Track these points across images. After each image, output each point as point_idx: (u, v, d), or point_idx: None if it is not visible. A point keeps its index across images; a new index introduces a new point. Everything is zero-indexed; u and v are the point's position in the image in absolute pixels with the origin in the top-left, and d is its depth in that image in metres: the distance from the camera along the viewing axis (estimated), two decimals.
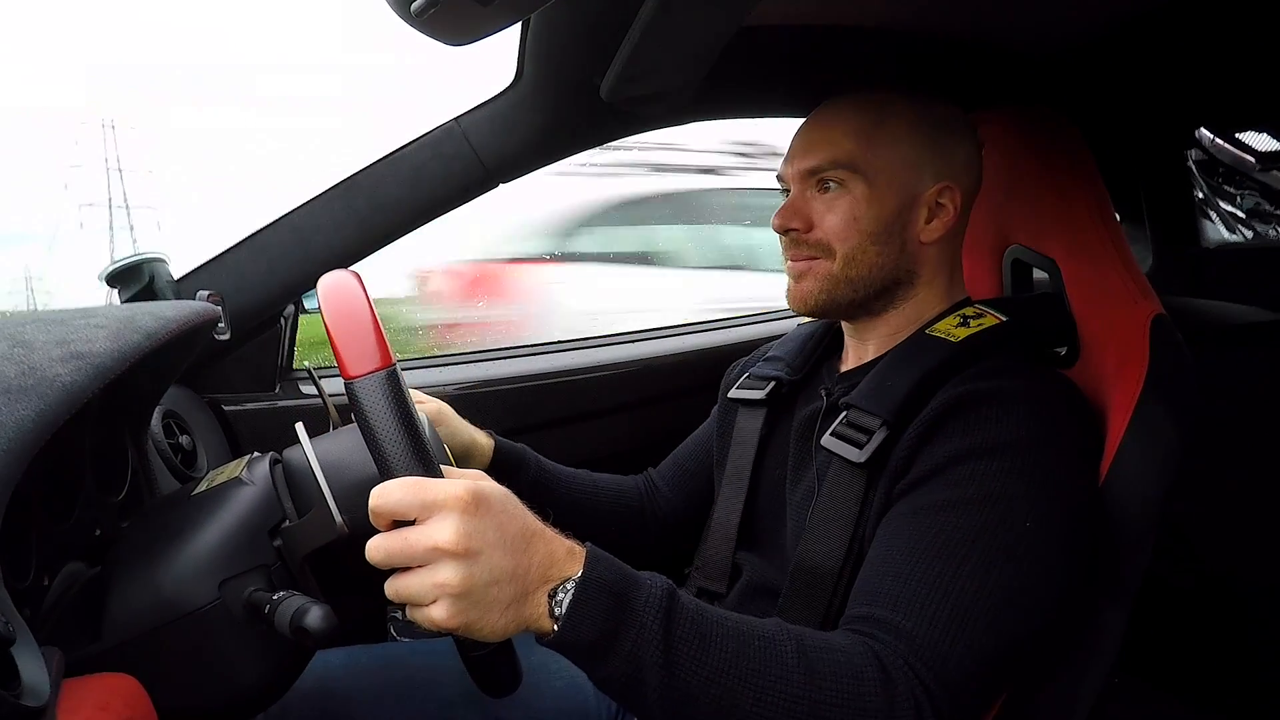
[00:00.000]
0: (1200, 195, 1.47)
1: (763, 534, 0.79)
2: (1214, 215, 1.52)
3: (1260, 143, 1.47)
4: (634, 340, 1.51)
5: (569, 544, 0.50)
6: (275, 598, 0.49)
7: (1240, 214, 1.55)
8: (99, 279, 0.98)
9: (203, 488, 0.58)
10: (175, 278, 1.02)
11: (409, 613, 0.46)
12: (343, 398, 0.48)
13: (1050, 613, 0.57)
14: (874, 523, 0.63)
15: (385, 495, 0.45)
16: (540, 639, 0.49)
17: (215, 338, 1.01)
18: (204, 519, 0.54)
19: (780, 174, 0.77)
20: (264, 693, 0.54)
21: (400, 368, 0.49)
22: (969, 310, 0.72)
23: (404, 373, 0.49)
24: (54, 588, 0.54)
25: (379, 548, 0.45)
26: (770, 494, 0.79)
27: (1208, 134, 1.47)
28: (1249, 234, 1.54)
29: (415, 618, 0.46)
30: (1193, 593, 1.32)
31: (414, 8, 0.50)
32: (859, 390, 0.69)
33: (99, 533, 0.63)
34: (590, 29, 0.79)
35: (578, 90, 0.91)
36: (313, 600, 0.48)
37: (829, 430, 0.69)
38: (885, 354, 0.73)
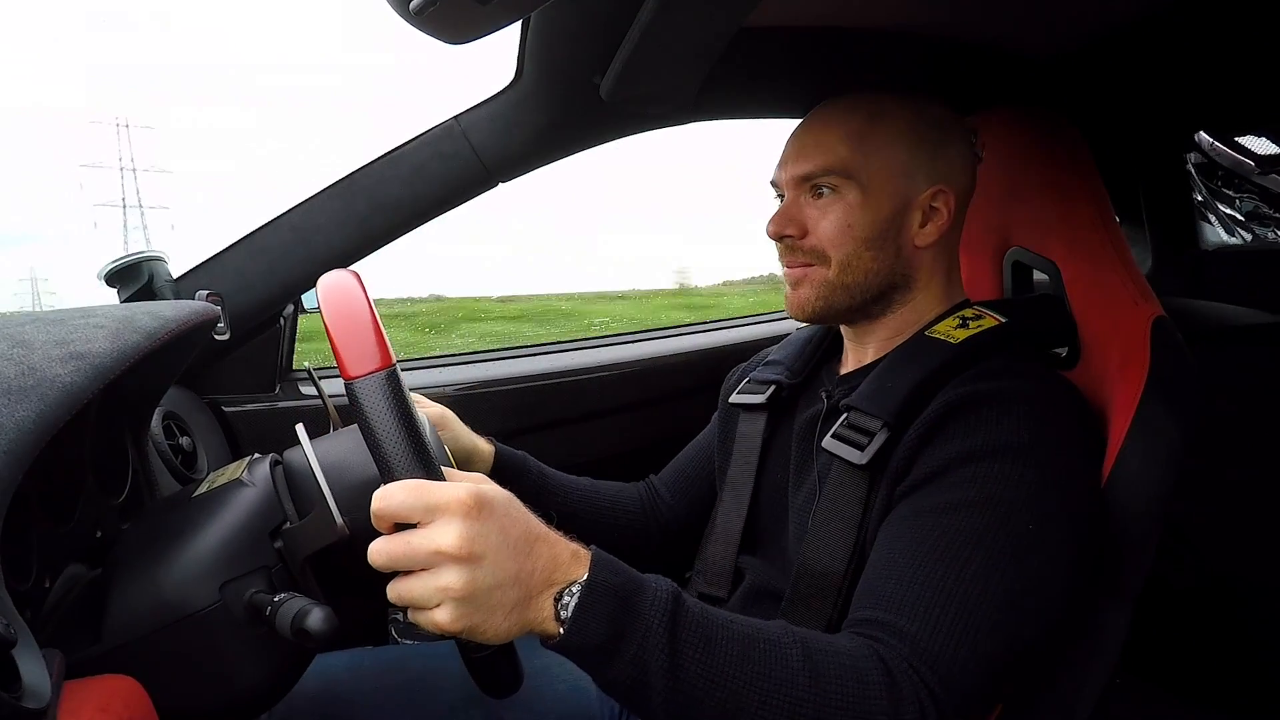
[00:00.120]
0: (1199, 198, 1.47)
1: (765, 538, 0.79)
2: (1213, 218, 1.52)
3: (1259, 146, 1.47)
4: (634, 341, 1.51)
5: (573, 547, 0.50)
6: (276, 599, 0.49)
7: (1239, 217, 1.55)
8: (98, 278, 0.97)
9: (203, 489, 0.58)
10: (174, 277, 1.02)
11: (412, 616, 0.46)
12: (343, 398, 0.48)
13: (1054, 615, 0.57)
14: (876, 524, 0.63)
15: (387, 498, 0.45)
16: (545, 642, 0.48)
17: (215, 338, 1.01)
18: (205, 521, 0.54)
19: (774, 180, 0.77)
20: (265, 694, 0.54)
21: (400, 368, 0.48)
22: (968, 312, 0.72)
23: (404, 373, 0.49)
24: (55, 590, 0.54)
25: (381, 551, 0.45)
26: (772, 498, 0.79)
27: (1207, 138, 1.47)
28: (1248, 237, 1.54)
29: (418, 621, 0.46)
30: (1193, 593, 1.32)
31: (413, 6, 0.50)
32: (859, 392, 0.69)
33: (100, 534, 0.62)
34: (590, 29, 0.79)
35: (578, 90, 0.91)
36: (314, 602, 0.47)
37: (830, 432, 0.69)
38: (885, 356, 0.73)
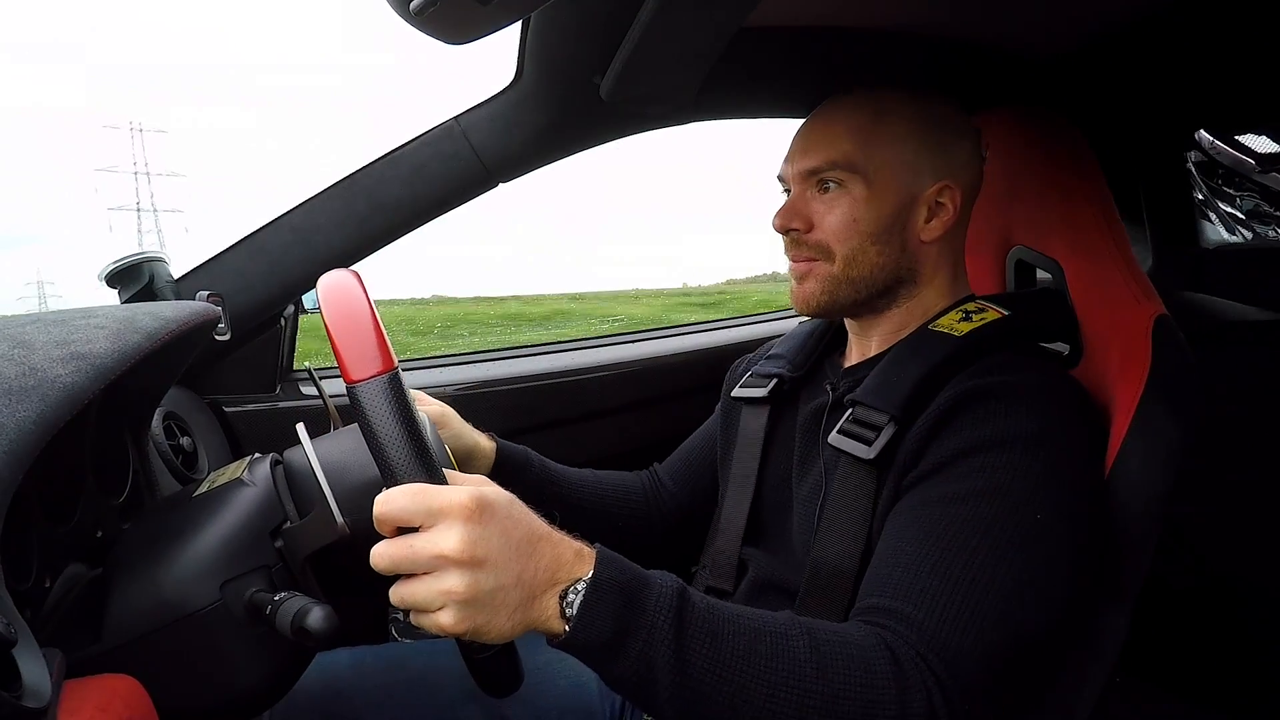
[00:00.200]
0: (1200, 197, 1.47)
1: (769, 530, 0.79)
2: (1214, 216, 1.52)
3: (1260, 145, 1.47)
4: (634, 340, 1.51)
5: (577, 545, 0.50)
6: (276, 598, 0.49)
7: (1240, 215, 1.55)
8: (99, 279, 0.98)
9: (204, 489, 0.58)
10: (175, 278, 1.02)
11: (415, 618, 0.46)
12: (343, 398, 0.48)
13: (1058, 607, 0.57)
14: (884, 517, 0.63)
15: (390, 503, 0.45)
16: (551, 641, 0.48)
17: (215, 338, 1.01)
18: (205, 520, 0.54)
19: (781, 174, 0.77)
20: (265, 694, 0.54)
21: (401, 369, 0.48)
22: (971, 305, 0.72)
23: (405, 373, 0.49)
24: (55, 589, 0.54)
25: (384, 555, 0.45)
26: (776, 490, 0.79)
27: (1208, 136, 1.47)
28: (1248, 235, 1.54)
29: (422, 623, 0.46)
30: (1193, 593, 1.32)
31: (413, 6, 0.50)
32: (865, 386, 0.69)
33: (100, 534, 0.63)
34: (590, 28, 0.79)
35: (578, 90, 0.91)
36: (314, 601, 0.47)
37: (836, 427, 0.69)
38: (889, 349, 0.73)
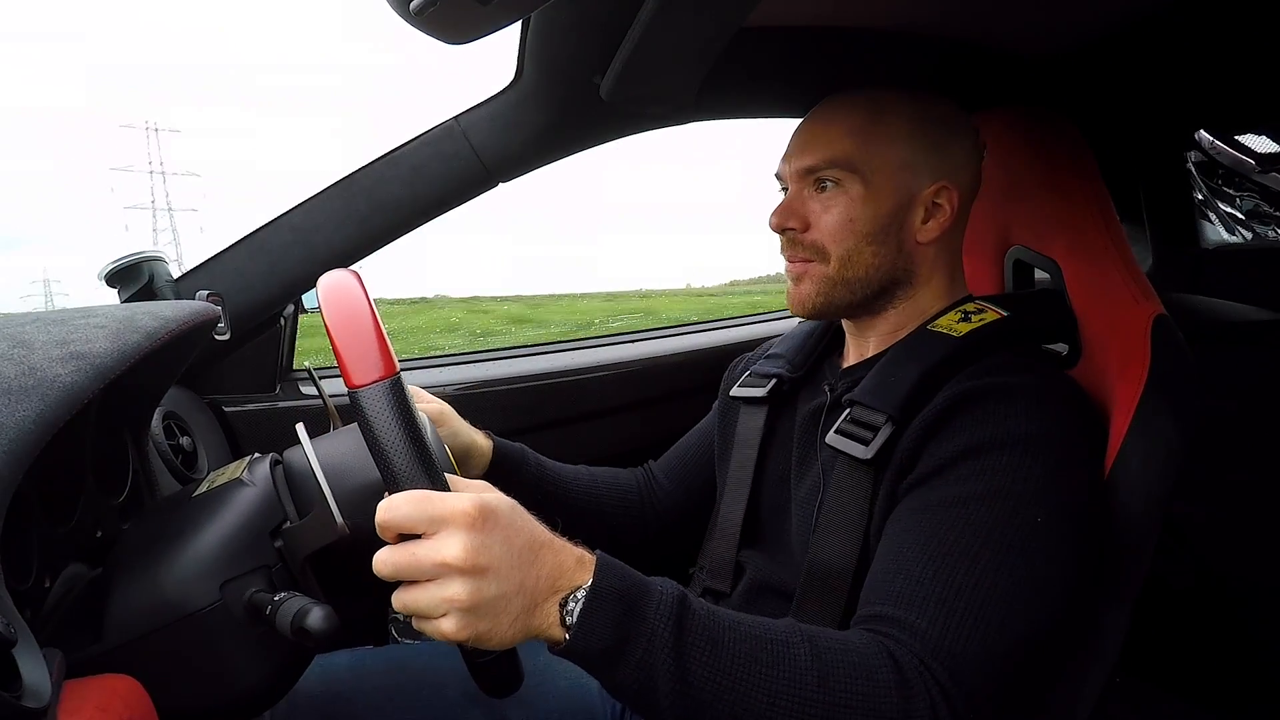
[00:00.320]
0: (1200, 197, 1.47)
1: (767, 531, 0.79)
2: (1213, 216, 1.52)
3: (1260, 145, 1.47)
4: (634, 340, 1.51)
5: (578, 552, 0.50)
6: (276, 599, 0.49)
7: (1240, 215, 1.55)
8: (98, 278, 0.97)
9: (203, 489, 0.58)
10: (174, 277, 1.02)
11: (417, 624, 0.46)
12: (343, 398, 0.48)
13: (1061, 608, 0.57)
14: (882, 518, 0.63)
15: (392, 510, 0.44)
16: (552, 648, 0.48)
17: (215, 338, 1.01)
18: (205, 520, 0.54)
19: (778, 172, 0.77)
20: (265, 694, 0.54)
21: (401, 369, 0.48)
22: (970, 306, 0.72)
23: (405, 373, 0.49)
24: (55, 589, 0.54)
25: (386, 562, 0.45)
26: (774, 491, 0.79)
27: (1207, 136, 1.47)
28: (1248, 235, 1.54)
29: (424, 630, 0.46)
30: (1193, 593, 1.32)
31: (413, 6, 0.50)
32: (862, 386, 0.69)
33: (100, 534, 0.62)
34: (590, 28, 0.79)
35: (578, 89, 0.91)
36: (314, 601, 0.47)
37: (833, 428, 0.69)
38: (887, 350, 0.73)
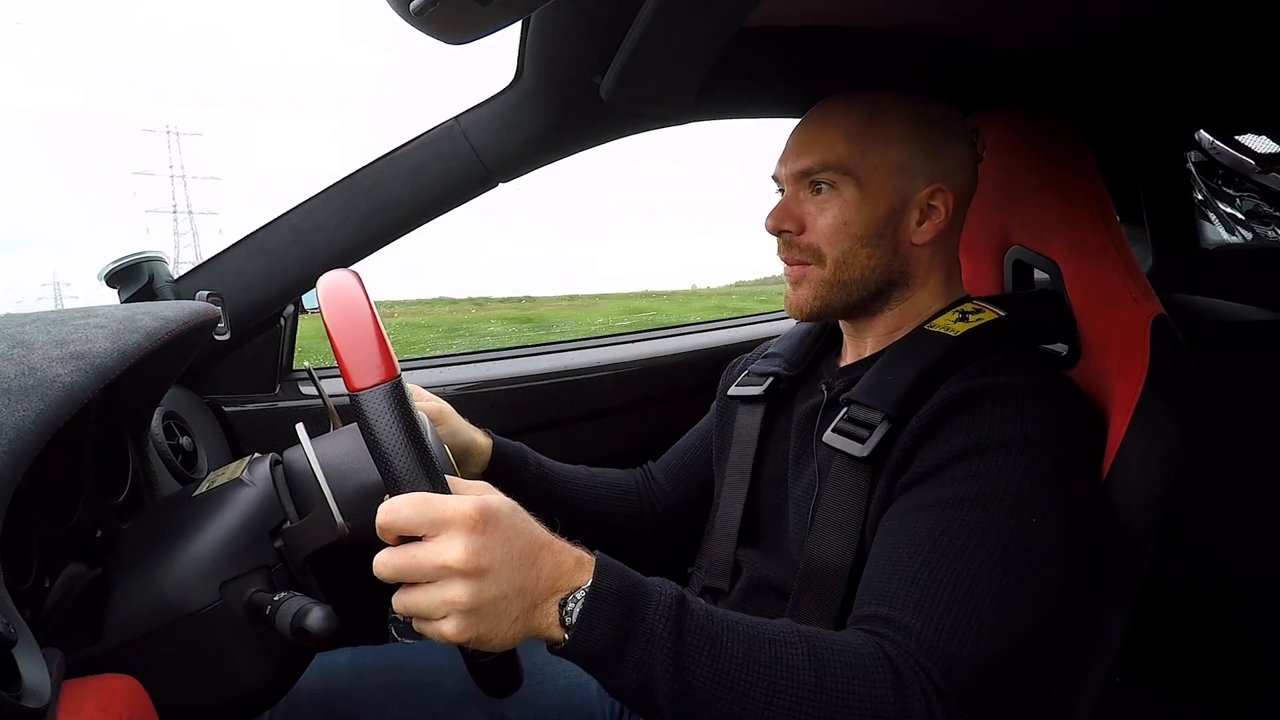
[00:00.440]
0: (1200, 197, 1.47)
1: (764, 530, 0.79)
2: (1213, 217, 1.52)
3: (1260, 145, 1.47)
4: (634, 340, 1.51)
5: (578, 553, 0.50)
6: (276, 598, 0.49)
7: (1240, 215, 1.55)
8: (98, 278, 0.97)
9: (203, 489, 0.58)
10: (174, 278, 1.02)
11: (418, 626, 0.46)
12: (343, 398, 0.48)
13: (1056, 610, 0.57)
14: (878, 517, 0.63)
15: (393, 512, 0.45)
16: (551, 648, 0.49)
17: (215, 338, 1.01)
18: (205, 520, 0.54)
19: (775, 174, 0.77)
20: (265, 694, 0.54)
21: (401, 370, 0.48)
22: (967, 306, 0.72)
23: (405, 373, 0.49)
24: (55, 589, 0.54)
25: (387, 564, 0.45)
26: (771, 490, 0.79)
27: (1207, 136, 1.47)
28: (1248, 235, 1.54)
29: (424, 631, 0.46)
30: (1193, 593, 1.32)
31: (413, 6, 0.50)
32: (860, 385, 0.69)
33: (100, 534, 0.63)
34: (590, 28, 0.79)
35: (578, 90, 0.91)
36: (314, 601, 0.48)
37: (830, 426, 0.69)
38: (885, 349, 0.73)
